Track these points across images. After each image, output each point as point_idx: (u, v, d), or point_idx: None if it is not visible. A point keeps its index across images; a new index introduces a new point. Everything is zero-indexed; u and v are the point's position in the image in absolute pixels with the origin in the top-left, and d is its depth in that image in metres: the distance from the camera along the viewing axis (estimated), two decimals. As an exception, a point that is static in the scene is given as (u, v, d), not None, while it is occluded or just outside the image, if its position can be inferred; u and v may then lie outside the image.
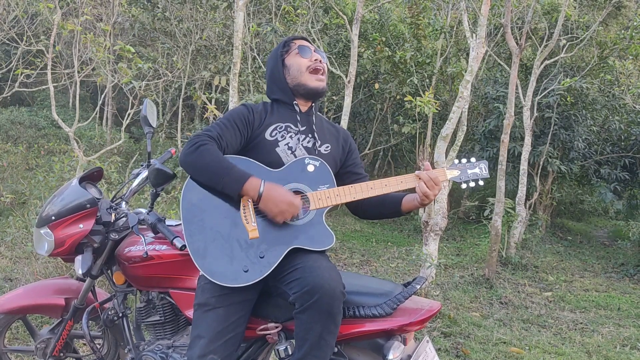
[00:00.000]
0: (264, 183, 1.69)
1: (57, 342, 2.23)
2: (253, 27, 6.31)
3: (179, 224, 1.97)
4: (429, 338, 1.89)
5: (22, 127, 10.64)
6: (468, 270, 5.94)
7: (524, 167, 6.70)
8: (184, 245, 1.73)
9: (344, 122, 5.68)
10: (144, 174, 2.19)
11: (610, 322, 4.61)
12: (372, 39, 7.82)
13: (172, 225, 2.00)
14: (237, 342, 1.72)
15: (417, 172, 1.80)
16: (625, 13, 8.26)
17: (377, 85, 8.38)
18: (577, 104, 7.76)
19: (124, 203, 2.19)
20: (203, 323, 1.70)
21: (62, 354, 2.29)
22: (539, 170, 7.97)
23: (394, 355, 1.70)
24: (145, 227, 2.01)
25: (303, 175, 1.78)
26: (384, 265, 5.87)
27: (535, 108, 7.20)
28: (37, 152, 8.68)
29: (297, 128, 1.89)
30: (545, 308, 4.86)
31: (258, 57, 6.95)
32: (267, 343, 1.88)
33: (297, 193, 1.77)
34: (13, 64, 7.45)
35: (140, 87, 5.95)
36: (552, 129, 7.68)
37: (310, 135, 1.90)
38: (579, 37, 7.14)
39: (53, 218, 2.01)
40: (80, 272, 2.02)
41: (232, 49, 5.97)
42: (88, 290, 2.19)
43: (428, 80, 8.29)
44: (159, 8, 8.07)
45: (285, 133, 1.86)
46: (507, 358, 3.54)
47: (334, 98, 8.75)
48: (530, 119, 6.80)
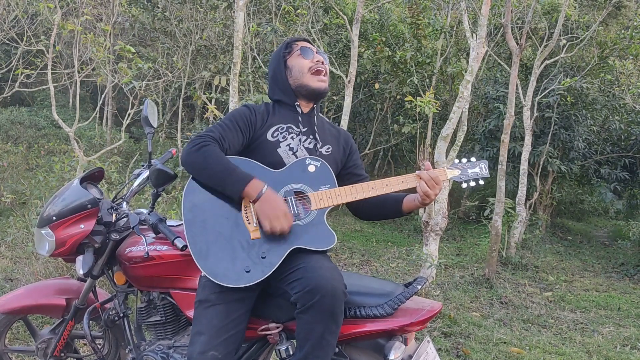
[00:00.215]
0: (267, 186, 1.69)
1: (58, 342, 2.24)
2: (253, 27, 6.30)
3: (180, 224, 1.97)
4: (430, 338, 1.89)
5: (22, 127, 10.64)
6: (468, 270, 5.94)
7: (524, 167, 6.70)
8: (185, 246, 1.73)
9: (344, 122, 5.68)
10: (145, 174, 2.19)
11: (611, 322, 4.61)
12: (372, 39, 7.82)
13: (173, 226, 2.00)
14: (237, 339, 1.72)
15: (417, 171, 1.80)
16: (626, 13, 8.26)
17: (377, 85, 8.38)
18: (577, 104, 7.77)
19: (125, 203, 2.19)
20: (204, 319, 1.70)
21: (63, 354, 2.30)
22: (539, 170, 7.98)
23: (395, 356, 1.70)
24: (146, 227, 2.01)
25: (304, 176, 1.78)
26: (384, 265, 5.87)
27: (536, 108, 7.20)
28: (37, 152, 8.68)
29: (298, 129, 1.89)
30: (546, 308, 4.86)
31: (258, 57, 6.95)
32: (268, 343, 1.88)
33: (298, 193, 1.77)
34: (13, 64, 7.46)
35: (141, 87, 5.95)
36: (552, 129, 7.68)
37: (312, 137, 1.90)
38: (579, 37, 7.14)
39: (54, 218, 2.02)
40: (81, 272, 2.02)
41: (232, 49, 5.98)
42: (89, 291, 2.20)
43: (428, 80, 8.29)
44: (159, 8, 8.06)
45: (287, 134, 1.86)
46: (507, 358, 3.55)
47: (334, 98, 8.75)
48: (531, 119, 6.80)
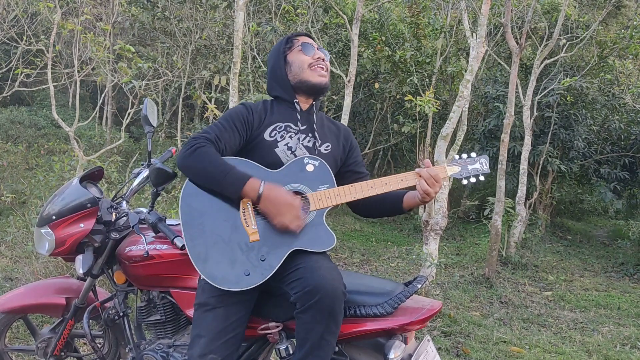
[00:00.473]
0: (264, 184, 1.67)
1: (58, 341, 2.23)
2: (253, 26, 6.30)
3: (180, 224, 1.97)
4: (430, 337, 1.89)
5: (22, 126, 10.64)
6: (468, 270, 5.94)
7: (524, 166, 6.70)
8: (185, 245, 1.72)
9: (344, 121, 5.68)
10: (145, 174, 2.19)
11: (610, 321, 4.61)
12: (372, 39, 7.82)
13: (172, 225, 1.99)
14: (237, 341, 1.71)
15: (417, 169, 1.79)
16: (625, 12, 8.26)
17: (377, 85, 8.38)
18: (577, 104, 7.77)
19: (125, 202, 2.19)
20: (203, 323, 1.70)
21: (63, 354, 2.29)
22: (539, 170, 7.98)
23: (395, 355, 1.70)
24: (146, 226, 2.01)
25: (302, 176, 1.76)
26: (384, 265, 5.87)
27: (535, 107, 7.20)
28: (37, 151, 8.68)
29: (297, 127, 1.86)
30: (545, 307, 4.86)
31: (258, 56, 6.95)
32: (268, 342, 1.88)
33: (296, 194, 1.75)
34: (13, 64, 7.45)
35: (140, 86, 5.95)
36: (552, 129, 7.68)
37: (311, 135, 1.88)
38: (579, 36, 7.14)
39: (54, 217, 2.01)
40: (81, 271, 2.02)
41: (232, 49, 5.98)
42: (89, 290, 2.19)
43: (428, 80, 8.29)
44: (159, 7, 8.06)
45: (285, 133, 1.84)
46: (507, 357, 3.54)
47: (334, 97, 8.75)
48: (530, 119, 6.80)
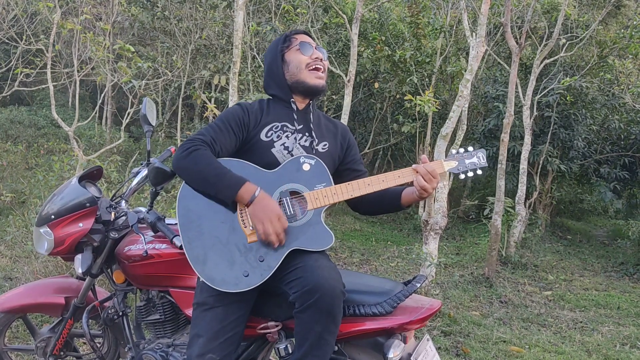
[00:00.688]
0: (260, 190, 1.66)
1: (57, 341, 2.23)
2: (253, 26, 6.30)
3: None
4: (429, 337, 1.89)
5: (21, 126, 10.63)
6: (468, 269, 5.94)
7: (524, 166, 6.70)
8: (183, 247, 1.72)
9: (344, 121, 5.68)
10: (144, 173, 2.19)
11: (610, 321, 4.61)
12: (371, 38, 7.82)
13: (171, 224, 1.99)
14: (236, 341, 1.71)
15: (414, 165, 1.78)
16: (625, 12, 8.26)
17: (376, 85, 8.38)
18: (576, 103, 7.77)
19: (124, 202, 2.19)
20: (202, 322, 1.69)
21: (62, 353, 2.29)
22: (539, 170, 7.98)
23: (395, 354, 1.70)
24: (145, 225, 2.01)
25: (299, 175, 1.75)
26: (384, 264, 5.87)
27: (535, 107, 7.20)
28: (36, 151, 8.67)
29: (293, 127, 1.85)
30: (545, 307, 4.86)
31: (258, 56, 6.95)
32: (267, 342, 1.88)
33: (293, 193, 1.75)
34: (13, 63, 7.46)
35: (140, 86, 5.94)
36: (551, 128, 7.68)
37: (308, 134, 1.86)
38: (579, 36, 7.14)
39: (53, 217, 2.01)
40: (80, 271, 2.02)
41: (231, 48, 5.97)
42: (88, 289, 2.19)
43: (428, 80, 8.29)
44: (159, 7, 8.06)
45: (282, 133, 1.82)
46: (507, 357, 3.54)
47: (334, 97, 8.74)
48: (530, 118, 6.80)
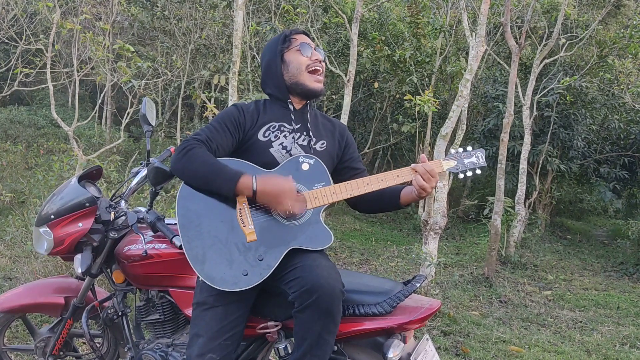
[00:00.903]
0: (256, 179, 1.66)
1: (56, 341, 2.23)
2: (252, 26, 6.30)
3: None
4: (429, 336, 1.89)
5: (21, 126, 10.62)
6: (467, 269, 5.94)
7: (524, 166, 6.70)
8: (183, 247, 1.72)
9: (344, 120, 5.66)
10: (143, 173, 2.19)
11: (610, 320, 4.61)
12: (371, 38, 7.81)
13: (171, 224, 1.99)
14: (236, 340, 1.71)
15: (413, 165, 1.78)
16: (625, 12, 8.26)
17: (376, 84, 8.38)
18: (576, 103, 7.77)
19: (123, 202, 2.19)
20: (201, 322, 1.69)
21: (61, 353, 2.29)
22: (539, 169, 7.98)
23: (394, 354, 1.70)
24: (145, 225, 2.01)
25: (298, 175, 1.75)
26: (384, 264, 5.87)
27: (535, 107, 7.20)
28: (36, 151, 8.67)
29: (291, 127, 1.85)
30: (545, 307, 4.86)
31: (257, 56, 6.94)
32: (267, 342, 1.88)
33: None
34: (12, 63, 7.45)
35: (140, 86, 5.94)
36: (551, 128, 7.68)
37: (305, 133, 1.86)
38: (579, 36, 7.14)
39: (52, 217, 2.01)
40: (80, 270, 2.02)
41: (231, 48, 5.97)
42: (87, 289, 2.19)
43: (427, 79, 8.29)
44: (158, 7, 8.05)
45: (279, 132, 1.82)
46: (506, 357, 3.54)
47: (334, 97, 8.74)
48: (530, 118, 6.80)
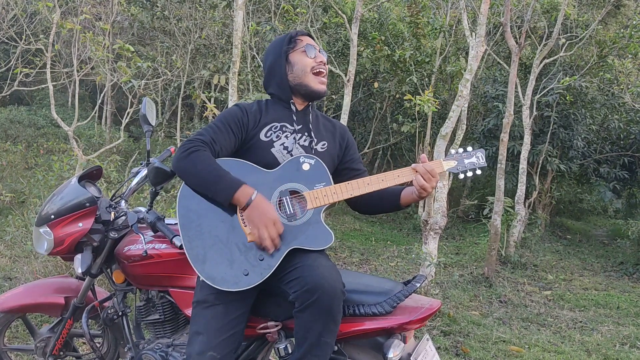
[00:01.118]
0: (257, 193, 1.67)
1: (56, 341, 2.23)
2: (252, 26, 6.30)
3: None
4: (429, 336, 1.89)
5: (21, 126, 10.62)
6: (467, 269, 5.94)
7: (523, 166, 6.70)
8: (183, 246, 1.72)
9: (344, 120, 5.67)
10: (143, 173, 2.19)
11: (610, 320, 4.61)
12: (371, 38, 7.81)
13: (171, 224, 1.99)
14: (236, 340, 1.71)
15: (413, 165, 1.78)
16: (625, 12, 8.26)
17: (376, 84, 8.38)
18: (576, 103, 7.77)
19: (124, 202, 2.19)
20: (202, 320, 1.70)
21: (61, 353, 2.29)
22: (539, 169, 7.98)
23: (394, 354, 1.70)
24: (145, 225, 2.01)
25: (298, 175, 1.76)
26: (384, 264, 5.87)
27: (535, 107, 7.20)
28: (36, 151, 8.67)
29: (292, 127, 1.86)
30: (545, 307, 4.86)
31: (257, 56, 6.94)
32: (267, 342, 1.88)
33: (293, 193, 1.75)
34: (12, 63, 7.45)
35: (140, 86, 5.94)
36: (551, 128, 7.68)
37: (307, 134, 1.87)
38: (579, 36, 7.14)
39: (52, 217, 2.01)
40: (80, 270, 2.02)
41: (231, 48, 5.97)
42: (88, 289, 2.19)
43: (427, 79, 8.29)
44: (158, 7, 8.06)
45: (281, 133, 1.83)
46: (506, 357, 3.55)
47: (334, 97, 8.74)
48: (530, 118, 6.80)
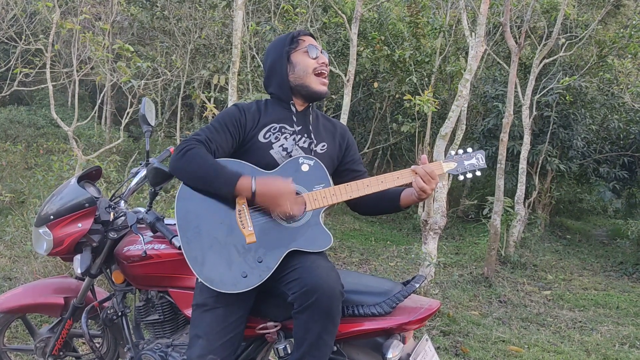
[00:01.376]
0: (255, 180, 1.65)
1: (56, 341, 2.23)
2: (252, 26, 6.30)
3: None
4: (428, 337, 1.89)
5: (21, 126, 10.62)
6: (467, 269, 5.94)
7: (523, 165, 6.70)
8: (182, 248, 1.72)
9: (343, 120, 5.66)
10: (143, 173, 2.19)
11: (609, 320, 4.61)
12: (371, 38, 7.81)
13: (170, 224, 1.99)
14: (236, 342, 1.71)
15: (413, 166, 1.77)
16: (625, 12, 8.26)
17: (376, 84, 8.38)
18: (576, 103, 7.77)
19: (123, 202, 2.19)
20: (202, 323, 1.69)
21: (61, 353, 2.29)
22: (538, 169, 7.98)
23: (393, 354, 1.70)
24: (144, 226, 2.01)
25: (297, 176, 1.74)
26: (383, 264, 5.87)
27: (535, 107, 7.20)
28: (36, 151, 8.66)
29: (292, 128, 1.84)
30: (544, 307, 4.86)
31: (257, 56, 6.94)
32: (266, 342, 1.88)
33: None
34: (12, 63, 7.45)
35: (139, 86, 5.93)
36: (551, 128, 7.69)
37: (307, 135, 1.86)
38: (578, 35, 7.14)
39: (52, 217, 2.01)
40: (79, 271, 2.02)
41: (231, 48, 5.97)
42: (87, 289, 2.19)
43: (427, 79, 8.29)
44: (158, 7, 8.05)
45: (280, 134, 1.81)
46: (506, 356, 3.55)
47: (333, 97, 8.74)
48: (530, 118, 6.80)
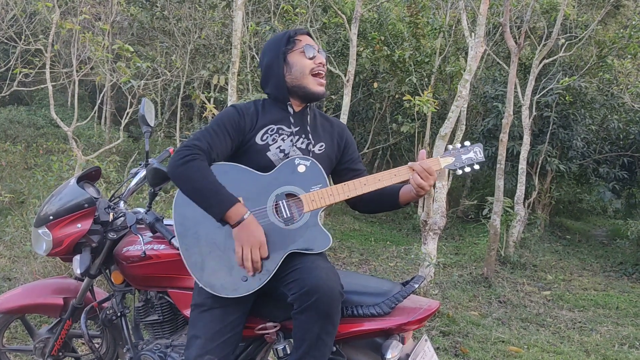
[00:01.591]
0: (250, 213, 1.65)
1: (55, 341, 2.23)
2: (252, 26, 6.30)
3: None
4: (428, 337, 1.89)
5: (20, 126, 10.62)
6: (467, 270, 5.94)
7: (523, 166, 6.70)
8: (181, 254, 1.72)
9: (343, 121, 5.67)
10: (142, 173, 2.19)
11: (609, 321, 4.61)
12: (371, 38, 7.81)
13: (170, 225, 1.99)
14: (234, 342, 1.71)
15: (410, 163, 1.75)
16: (624, 12, 8.27)
17: (375, 85, 8.38)
18: (575, 103, 7.78)
19: (122, 202, 2.19)
20: (200, 323, 1.69)
21: (60, 354, 2.29)
22: (538, 169, 7.99)
23: (393, 355, 1.70)
24: (144, 226, 2.01)
25: (294, 177, 1.74)
26: (383, 265, 5.87)
27: (534, 107, 7.20)
28: (35, 151, 8.66)
29: (290, 129, 1.83)
30: (544, 307, 4.86)
31: (257, 56, 6.94)
32: (265, 342, 1.88)
33: (289, 196, 1.74)
34: (12, 63, 7.45)
35: (139, 86, 5.94)
36: (550, 128, 7.69)
37: (304, 136, 1.84)
38: (578, 36, 7.14)
39: (51, 218, 2.01)
40: (79, 271, 2.02)
41: (230, 48, 5.97)
42: (86, 290, 2.19)
43: (427, 80, 8.29)
44: (158, 7, 8.05)
45: (277, 136, 1.80)
46: (505, 357, 3.55)
47: (333, 97, 8.74)
48: (529, 118, 6.80)
